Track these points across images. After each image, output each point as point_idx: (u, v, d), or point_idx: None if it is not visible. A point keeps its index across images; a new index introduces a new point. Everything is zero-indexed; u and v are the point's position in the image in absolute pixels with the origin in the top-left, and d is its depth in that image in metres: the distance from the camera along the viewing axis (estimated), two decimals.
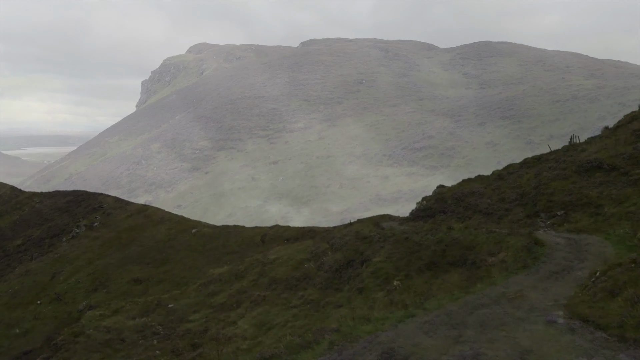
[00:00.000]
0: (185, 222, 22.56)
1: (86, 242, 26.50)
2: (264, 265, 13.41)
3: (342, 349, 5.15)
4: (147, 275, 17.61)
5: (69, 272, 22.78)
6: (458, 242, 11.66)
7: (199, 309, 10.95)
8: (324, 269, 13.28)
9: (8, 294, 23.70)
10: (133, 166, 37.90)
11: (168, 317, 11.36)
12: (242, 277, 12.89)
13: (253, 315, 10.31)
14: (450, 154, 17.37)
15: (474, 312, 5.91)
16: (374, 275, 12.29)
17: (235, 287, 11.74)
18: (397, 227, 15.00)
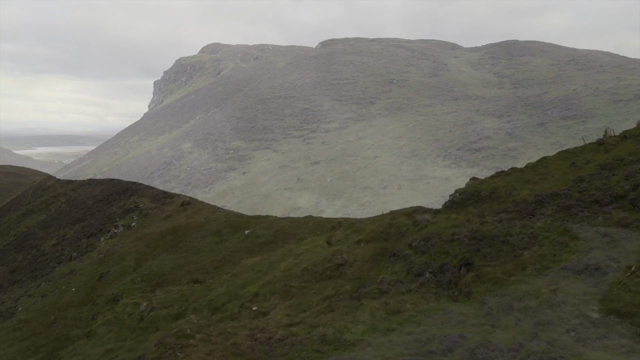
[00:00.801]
0: (235, 221, 22.47)
1: (129, 243, 26.59)
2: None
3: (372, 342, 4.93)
4: (207, 277, 17.52)
5: (117, 272, 22.85)
6: (492, 236, 11.45)
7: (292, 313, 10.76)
8: (356, 260, 13.20)
9: (55, 294, 23.86)
10: (164, 166, 38.02)
11: (254, 319, 11.17)
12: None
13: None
14: (513, 154, 17.01)
15: (508, 308, 5.72)
16: (405, 268, 12.13)
17: (326, 293, 11.53)
18: (430, 219, 14.90)
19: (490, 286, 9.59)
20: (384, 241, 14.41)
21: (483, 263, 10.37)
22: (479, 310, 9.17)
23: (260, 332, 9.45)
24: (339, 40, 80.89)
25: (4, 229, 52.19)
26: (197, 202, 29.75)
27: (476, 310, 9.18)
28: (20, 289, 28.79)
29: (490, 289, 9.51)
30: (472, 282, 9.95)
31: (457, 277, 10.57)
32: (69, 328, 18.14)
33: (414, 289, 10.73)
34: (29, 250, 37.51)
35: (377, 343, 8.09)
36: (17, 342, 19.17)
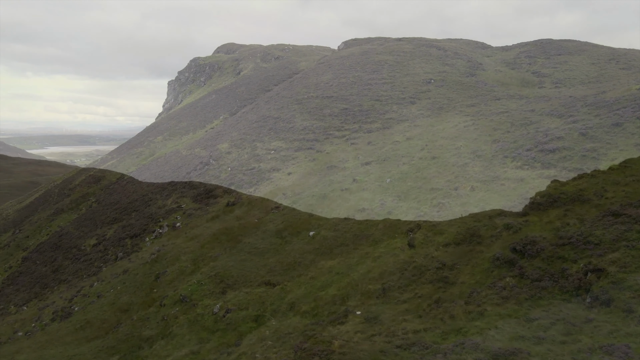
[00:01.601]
0: (293, 222, 22.30)
1: (179, 243, 26.62)
2: None
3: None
4: (279, 279, 17.37)
5: (174, 273, 22.84)
6: (609, 240, 11.11)
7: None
8: (454, 264, 12.97)
9: (112, 294, 23.95)
10: (200, 166, 38.08)
11: (366, 323, 10.91)
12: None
13: None
14: (593, 156, 16.50)
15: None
16: (516, 273, 11.81)
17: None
18: (522, 222, 14.66)
19: (632, 294, 9.24)
20: (476, 244, 14.11)
21: (616, 269, 10.02)
22: (625, 318, 8.85)
23: (392, 337, 9.22)
24: (362, 39, 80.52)
25: (36, 228, 52.84)
26: (243, 202, 29.69)
27: (622, 319, 8.85)
28: (68, 288, 29.01)
29: (633, 297, 9.16)
30: (610, 289, 9.61)
31: (586, 284, 10.23)
32: (139, 329, 18.12)
33: (538, 295, 10.43)
34: (68, 249, 37.85)
35: (541, 353, 7.79)
36: (84, 342, 19.23)
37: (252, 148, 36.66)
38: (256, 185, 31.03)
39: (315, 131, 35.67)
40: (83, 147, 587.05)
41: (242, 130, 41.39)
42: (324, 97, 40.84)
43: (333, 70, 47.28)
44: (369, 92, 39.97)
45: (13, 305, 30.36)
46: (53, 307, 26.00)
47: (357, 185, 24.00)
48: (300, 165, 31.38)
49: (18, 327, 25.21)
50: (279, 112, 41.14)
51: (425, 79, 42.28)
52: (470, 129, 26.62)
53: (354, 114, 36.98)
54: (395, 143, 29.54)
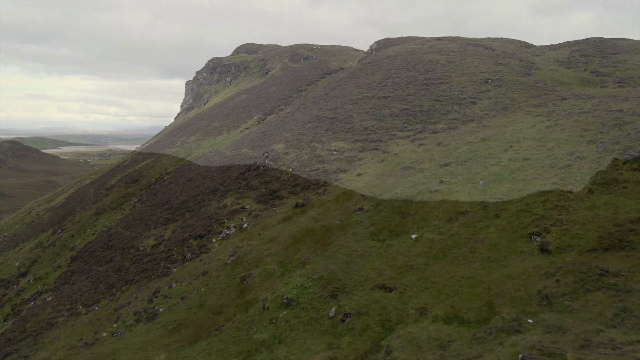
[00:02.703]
0: (384, 224, 21.98)
1: (256, 245, 26.49)
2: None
3: None
4: (395, 283, 17.05)
5: (262, 276, 22.69)
6: None
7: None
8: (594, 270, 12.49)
9: (196, 295, 23.89)
10: (255, 167, 38.00)
11: (554, 333, 10.56)
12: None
13: None
14: None
15: None
16: None
17: None
18: None
19: None
20: (630, 250, 13.64)
21: None
22: None
23: (611, 350, 8.83)
24: (395, 39, 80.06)
25: (80, 228, 53.42)
26: (313, 204, 29.47)
27: None
28: (139, 289, 29.10)
29: None
30: None
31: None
32: (246, 332, 17.95)
33: None
34: (124, 249, 38.07)
35: None
36: (186, 345, 19.15)
37: (312, 149, 36.46)
38: (324, 187, 30.77)
39: (377, 131, 35.35)
40: (96, 147, 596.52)
41: (296, 131, 41.24)
42: (380, 97, 40.49)
43: (383, 70, 46.93)
44: (427, 92, 39.53)
45: (81, 305, 30.56)
46: (130, 307, 26.06)
47: (446, 187, 23.60)
48: (369, 166, 31.06)
49: (97, 328, 25.30)
50: (333, 113, 40.89)
51: (482, 78, 41.70)
52: (555, 130, 26.05)
53: (415, 114, 36.57)
54: (470, 144, 29.05)
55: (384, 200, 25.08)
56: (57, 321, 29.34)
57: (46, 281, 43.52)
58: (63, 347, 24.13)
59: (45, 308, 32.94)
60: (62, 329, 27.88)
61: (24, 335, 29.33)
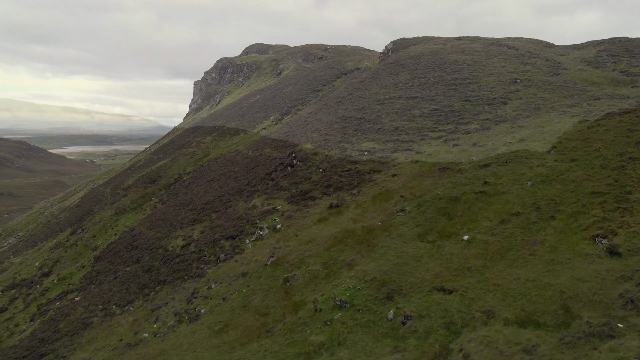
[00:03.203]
0: (430, 225, 21.80)
1: (295, 246, 26.40)
2: None
3: None
4: (454, 285, 16.87)
5: (307, 277, 22.59)
6: None
7: None
8: None
9: (238, 296, 23.82)
10: (282, 167, 37.95)
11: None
12: None
13: None
14: None
15: None
16: None
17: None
18: None
19: None
20: None
21: None
22: None
23: None
24: (411, 39, 79.82)
25: (101, 228, 53.63)
26: (348, 204, 29.33)
27: None
28: (173, 289, 29.10)
29: None
30: None
31: None
32: (299, 333, 17.84)
33: None
34: (152, 249, 38.11)
35: None
36: (237, 347, 19.08)
37: (341, 149, 36.35)
38: (358, 187, 30.64)
39: (408, 132, 35.17)
40: (101, 147, 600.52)
41: (323, 131, 41.14)
42: (408, 97, 40.32)
43: (408, 70, 46.74)
44: (456, 92, 39.31)
45: (114, 306, 30.61)
46: (169, 308, 26.05)
47: (491, 188, 23.40)
48: (404, 167, 30.89)
49: (137, 328, 25.31)
50: (361, 113, 40.75)
51: (511, 78, 41.42)
52: (599, 131, 25.77)
53: (446, 114, 36.36)
54: (508, 144, 28.81)
55: (426, 201, 24.90)
56: (92, 321, 29.40)
57: (71, 281, 43.72)
58: (104, 348, 24.15)
59: (76, 308, 33.03)
60: (98, 329, 27.92)
61: (58, 335, 29.41)
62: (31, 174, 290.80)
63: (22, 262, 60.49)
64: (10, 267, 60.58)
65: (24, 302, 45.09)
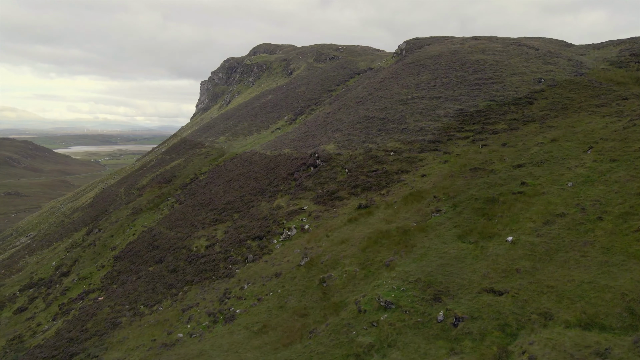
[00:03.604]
0: (469, 226, 21.67)
1: (328, 247, 26.32)
2: None
3: None
4: (505, 287, 16.74)
5: (344, 278, 22.51)
6: None
7: None
8: None
9: (273, 297, 23.76)
10: (304, 168, 37.98)
11: None
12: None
13: None
14: None
15: None
16: None
17: None
18: None
19: None
20: None
21: None
22: None
23: None
24: (424, 39, 79.58)
25: (118, 227, 53.77)
26: (377, 205, 29.22)
27: None
28: (203, 290, 29.10)
29: None
30: None
31: None
32: (345, 334, 17.76)
33: None
34: (175, 250, 38.15)
35: None
36: (281, 348, 19.02)
37: (366, 150, 36.25)
38: (387, 188, 30.53)
39: (434, 132, 35.03)
40: (106, 147, 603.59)
41: (345, 132, 41.05)
42: (431, 97, 40.18)
43: (429, 70, 46.60)
44: (480, 92, 39.13)
45: (142, 305, 30.64)
46: (200, 308, 26.03)
47: (530, 188, 23.24)
48: (432, 167, 30.75)
49: (169, 329, 25.31)
50: (383, 113, 40.65)
51: (535, 78, 41.20)
52: (636, 131, 25.54)
53: (471, 114, 36.19)
54: (540, 145, 28.63)
55: (461, 201, 24.77)
56: (120, 321, 29.43)
57: (91, 280, 43.85)
58: (138, 348, 24.16)
59: (101, 308, 33.09)
60: (128, 329, 27.95)
61: (87, 335, 29.46)
62: (37, 174, 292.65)
63: (37, 261, 60.80)
64: (26, 266, 60.90)
65: (44, 301, 45.30)
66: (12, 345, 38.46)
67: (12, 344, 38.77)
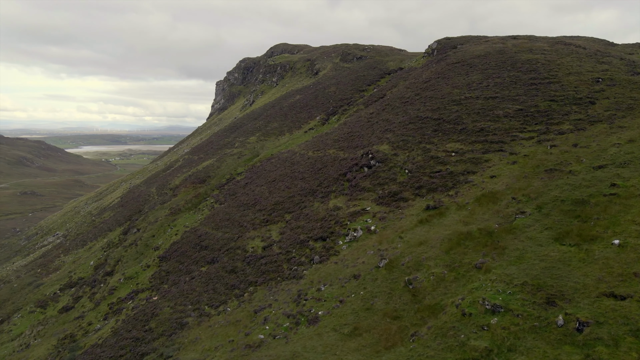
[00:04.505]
0: (565, 228, 21.34)
1: (405, 248, 26.12)
2: None
3: None
4: (628, 291, 16.42)
5: (431, 280, 22.27)
6: None
7: None
8: None
9: (355, 299, 23.60)
10: (356, 168, 37.88)
11: None
12: None
13: None
14: None
15: None
16: None
17: None
18: None
19: None
20: None
21: None
22: None
23: None
24: (456, 39, 79.19)
25: (158, 227, 54.05)
26: (447, 206, 28.95)
27: None
28: (270, 291, 29.06)
29: None
30: None
31: None
32: (452, 338, 17.52)
33: None
34: (229, 250, 38.19)
35: None
36: (383, 351, 18.86)
37: (424, 150, 36.00)
38: (454, 189, 30.25)
39: (496, 132, 34.67)
40: (116, 147, 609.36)
41: (397, 132, 40.86)
42: (486, 97, 39.82)
43: (478, 70, 46.24)
44: (538, 92, 38.70)
45: (206, 306, 30.68)
46: (274, 309, 25.97)
47: (623, 190, 22.85)
48: (501, 168, 30.41)
49: (245, 330, 25.28)
50: (437, 114, 40.38)
51: (592, 77, 40.65)
52: None
53: (533, 115, 35.78)
54: (617, 145, 28.17)
55: (546, 203, 24.43)
56: (187, 322, 29.49)
57: (138, 280, 44.07)
58: (217, 348, 24.15)
59: (161, 307, 33.20)
60: (197, 330, 27.99)
61: (153, 335, 29.56)
62: (51, 173, 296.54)
63: (74, 260, 61.37)
64: (63, 265, 61.53)
65: (91, 300, 45.63)
66: (64, 344, 38.78)
67: (63, 343, 39.08)
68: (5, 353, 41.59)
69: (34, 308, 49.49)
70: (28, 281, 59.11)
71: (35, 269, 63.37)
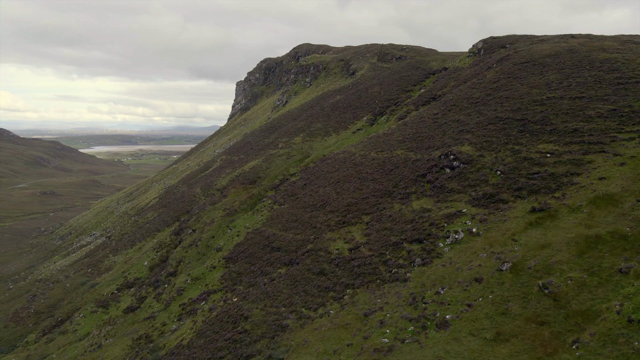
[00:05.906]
0: None
1: (524, 252, 25.68)
2: None
3: None
4: None
5: (570, 285, 21.79)
6: None
7: None
8: None
9: (484, 303, 23.24)
10: (436, 169, 37.52)
11: None
12: None
13: None
14: None
15: None
16: None
17: None
18: None
19: None
20: None
21: None
22: None
23: None
24: (503, 37, 78.57)
25: (217, 228, 54.17)
26: (555, 208, 28.45)
27: None
28: (374, 293, 28.80)
29: None
30: None
31: None
32: (625, 345, 17.06)
33: None
34: (310, 252, 38.02)
35: None
36: (544, 357, 18.43)
37: (512, 152, 35.55)
38: (560, 190, 29.75)
39: (592, 133, 34.11)
40: (127, 147, 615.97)
41: (476, 133, 40.44)
42: (572, 97, 39.26)
43: (554, 70, 45.67)
44: (628, 92, 38.05)
45: (304, 309, 30.52)
46: (389, 313, 25.70)
47: None
48: (609, 170, 29.85)
49: (358, 333, 25.04)
50: (519, 114, 39.91)
51: None
52: None
53: (628, 115, 35.14)
54: None
55: None
56: (287, 324, 29.36)
57: (206, 281, 44.14)
58: (336, 352, 23.92)
59: (250, 309, 33.10)
60: (302, 333, 27.82)
61: (252, 337, 29.47)
62: (67, 173, 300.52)
63: (125, 261, 61.79)
64: (115, 265, 61.98)
65: (158, 301, 45.79)
66: (140, 345, 38.91)
67: (139, 343, 39.23)
68: (77, 353, 41.88)
69: (95, 308, 49.83)
70: (80, 281, 59.62)
71: (85, 268, 63.90)
